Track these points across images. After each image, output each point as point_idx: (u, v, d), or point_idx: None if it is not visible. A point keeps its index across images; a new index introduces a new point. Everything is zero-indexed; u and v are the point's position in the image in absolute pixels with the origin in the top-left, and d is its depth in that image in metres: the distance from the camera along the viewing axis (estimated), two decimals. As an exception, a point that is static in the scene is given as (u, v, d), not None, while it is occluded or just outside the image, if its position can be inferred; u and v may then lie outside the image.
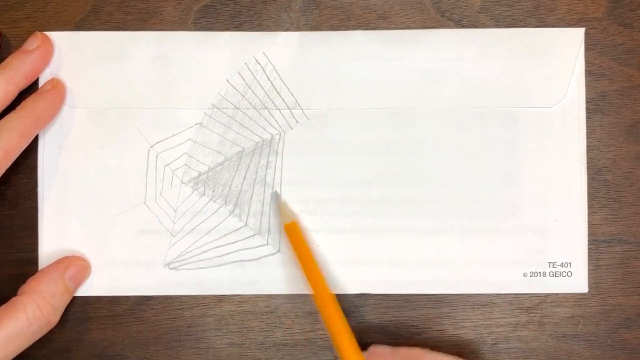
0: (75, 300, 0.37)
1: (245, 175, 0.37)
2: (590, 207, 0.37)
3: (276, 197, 0.37)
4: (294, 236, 0.36)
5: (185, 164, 0.37)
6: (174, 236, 0.37)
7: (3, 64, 0.35)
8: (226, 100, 0.37)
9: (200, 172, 0.37)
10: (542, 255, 0.37)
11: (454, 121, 0.37)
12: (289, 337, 0.37)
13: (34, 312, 0.33)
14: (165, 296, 0.37)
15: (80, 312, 0.37)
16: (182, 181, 0.37)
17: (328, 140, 0.37)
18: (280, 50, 0.37)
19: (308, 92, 0.37)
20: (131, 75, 0.37)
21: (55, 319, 0.34)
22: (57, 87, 0.36)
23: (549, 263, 0.37)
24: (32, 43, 0.36)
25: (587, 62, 0.37)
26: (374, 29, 0.37)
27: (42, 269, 0.36)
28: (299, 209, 0.37)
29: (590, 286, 0.37)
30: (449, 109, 0.37)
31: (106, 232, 0.37)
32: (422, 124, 0.37)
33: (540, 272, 0.37)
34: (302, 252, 0.35)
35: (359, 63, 0.37)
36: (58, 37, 0.37)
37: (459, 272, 0.37)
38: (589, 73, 0.37)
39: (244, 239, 0.37)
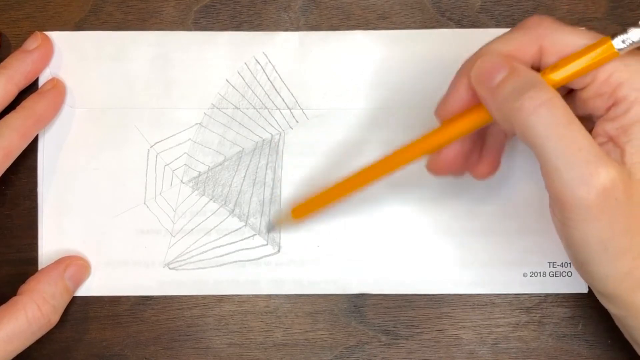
0: (75, 300, 0.37)
1: (245, 175, 0.37)
2: (590, 207, 0.37)
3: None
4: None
5: (185, 164, 0.37)
6: (174, 236, 0.37)
7: (3, 63, 0.35)
8: (226, 100, 0.37)
9: (200, 172, 0.37)
10: (542, 255, 0.37)
11: (454, 121, 0.37)
12: (289, 337, 0.37)
13: (33, 312, 0.33)
14: (165, 296, 0.37)
15: (80, 312, 0.37)
16: (182, 181, 0.37)
17: (328, 140, 0.37)
18: (280, 50, 0.37)
19: (308, 92, 0.37)
20: (131, 75, 0.37)
21: (55, 318, 0.34)
22: (57, 87, 0.36)
23: (549, 263, 0.37)
24: (32, 43, 0.36)
25: (587, 62, 0.37)
26: (374, 29, 0.37)
27: (42, 269, 0.36)
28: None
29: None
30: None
31: (106, 232, 0.37)
32: (421, 124, 0.37)
33: (540, 272, 0.37)
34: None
35: (359, 63, 0.37)
36: (58, 37, 0.37)
37: (459, 272, 0.37)
38: (589, 73, 0.37)
39: (244, 239, 0.37)
